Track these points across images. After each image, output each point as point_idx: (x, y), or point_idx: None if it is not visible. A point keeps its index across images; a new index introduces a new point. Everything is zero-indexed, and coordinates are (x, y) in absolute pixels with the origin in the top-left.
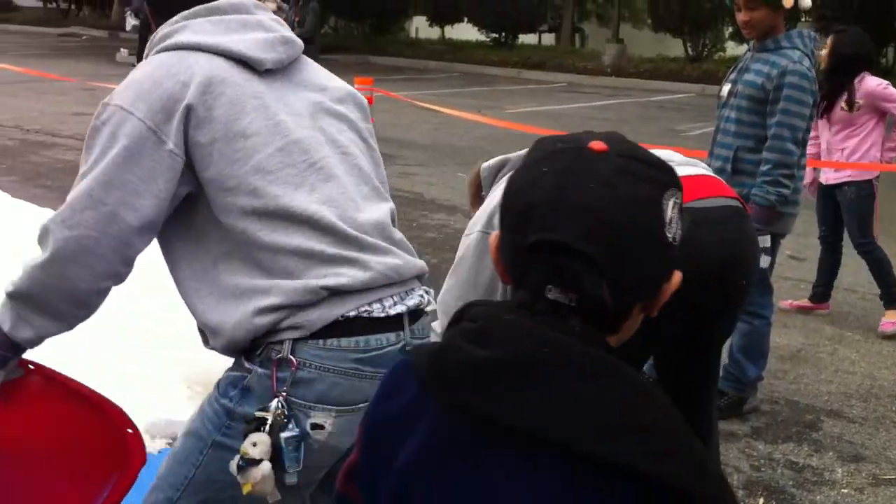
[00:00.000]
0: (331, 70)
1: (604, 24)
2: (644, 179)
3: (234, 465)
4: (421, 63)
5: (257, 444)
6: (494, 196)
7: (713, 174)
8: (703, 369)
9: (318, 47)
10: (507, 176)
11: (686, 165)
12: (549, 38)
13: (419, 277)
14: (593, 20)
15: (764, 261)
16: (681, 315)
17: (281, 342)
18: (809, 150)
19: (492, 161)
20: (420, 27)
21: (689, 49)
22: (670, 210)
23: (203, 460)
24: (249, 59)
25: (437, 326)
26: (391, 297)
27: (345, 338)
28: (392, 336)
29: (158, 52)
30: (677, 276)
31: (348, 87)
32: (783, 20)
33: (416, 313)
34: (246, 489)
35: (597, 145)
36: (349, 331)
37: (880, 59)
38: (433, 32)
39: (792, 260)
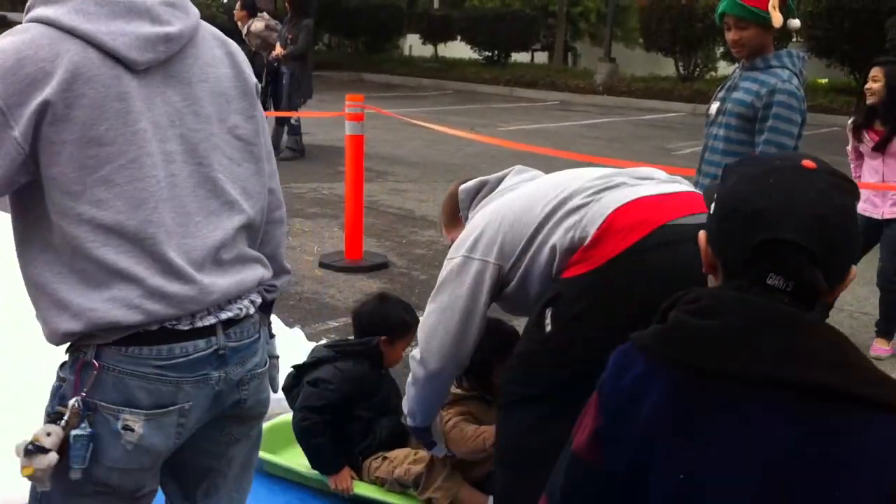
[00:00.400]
0: (324, 87)
1: (596, 44)
2: (846, 191)
3: (22, 447)
4: (414, 80)
5: (51, 434)
6: (476, 219)
7: (696, 190)
8: None
9: (311, 65)
10: (488, 200)
11: (670, 182)
12: (541, 57)
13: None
14: (586, 39)
15: None
16: None
17: (88, 345)
18: (853, 172)
19: (469, 183)
20: (413, 45)
21: (681, 68)
22: (859, 216)
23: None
24: (123, 59)
25: (416, 353)
26: (203, 311)
27: (146, 346)
28: (201, 343)
29: (34, 20)
30: (853, 271)
31: (237, 71)
32: (772, 40)
33: (231, 321)
34: (25, 472)
35: (809, 163)
36: (151, 340)
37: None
38: (426, 50)
39: None
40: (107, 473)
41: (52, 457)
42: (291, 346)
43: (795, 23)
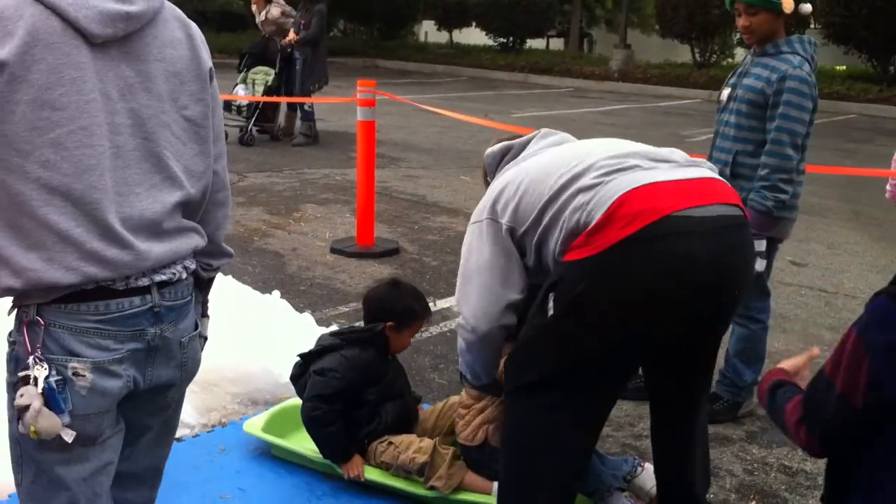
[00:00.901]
0: (338, 74)
1: (612, 30)
2: None
3: (19, 424)
4: (428, 67)
5: (24, 395)
6: (497, 183)
7: (717, 176)
8: (694, 374)
9: (325, 50)
10: (511, 164)
11: (690, 167)
12: (556, 43)
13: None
14: (602, 26)
15: (759, 264)
16: (675, 321)
17: (28, 305)
18: None
19: (495, 147)
20: (429, 31)
21: (697, 55)
22: None
23: (17, 435)
24: (83, 31)
25: (462, 320)
26: (137, 274)
27: (84, 303)
28: (136, 300)
29: None
30: None
31: (195, 54)
32: (783, 25)
33: (165, 283)
34: (33, 435)
35: None
36: (88, 297)
37: (888, 68)
38: (441, 37)
39: (793, 265)
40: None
41: (35, 405)
42: (301, 331)
43: (807, 7)
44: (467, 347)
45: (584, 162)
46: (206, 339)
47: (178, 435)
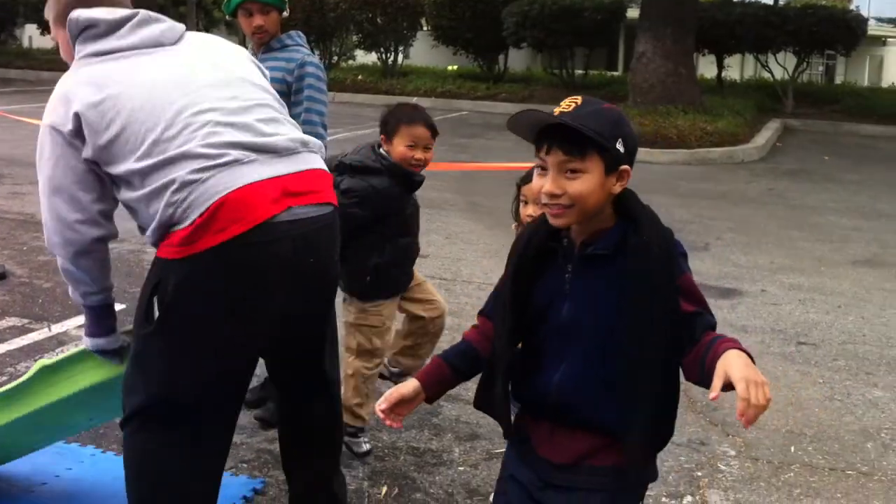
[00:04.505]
0: None
1: (233, 32)
2: None
3: None
4: (33, 74)
5: None
6: (81, 84)
7: (317, 164)
8: (308, 374)
9: None
10: (99, 56)
11: (291, 156)
12: None
13: None
14: (222, 27)
15: None
16: (269, 324)
17: None
18: None
19: (82, 16)
20: (33, 36)
21: (318, 57)
22: None
23: None
24: None
25: (55, 236)
26: None
27: None
28: None
29: None
30: None
31: None
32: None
33: None
34: None
35: None
36: None
37: (493, 67)
38: (46, 41)
39: None
40: None
41: None
42: None
43: (286, 13)
44: (70, 266)
45: (182, 133)
46: None
47: None
